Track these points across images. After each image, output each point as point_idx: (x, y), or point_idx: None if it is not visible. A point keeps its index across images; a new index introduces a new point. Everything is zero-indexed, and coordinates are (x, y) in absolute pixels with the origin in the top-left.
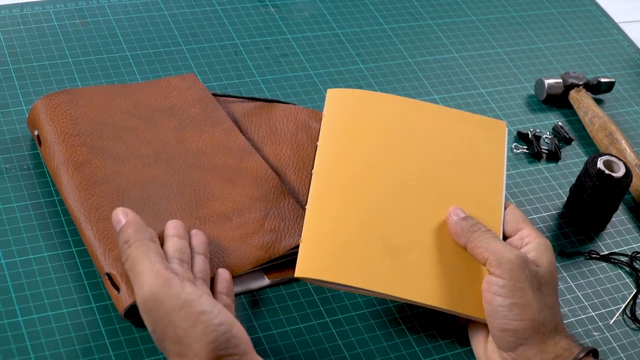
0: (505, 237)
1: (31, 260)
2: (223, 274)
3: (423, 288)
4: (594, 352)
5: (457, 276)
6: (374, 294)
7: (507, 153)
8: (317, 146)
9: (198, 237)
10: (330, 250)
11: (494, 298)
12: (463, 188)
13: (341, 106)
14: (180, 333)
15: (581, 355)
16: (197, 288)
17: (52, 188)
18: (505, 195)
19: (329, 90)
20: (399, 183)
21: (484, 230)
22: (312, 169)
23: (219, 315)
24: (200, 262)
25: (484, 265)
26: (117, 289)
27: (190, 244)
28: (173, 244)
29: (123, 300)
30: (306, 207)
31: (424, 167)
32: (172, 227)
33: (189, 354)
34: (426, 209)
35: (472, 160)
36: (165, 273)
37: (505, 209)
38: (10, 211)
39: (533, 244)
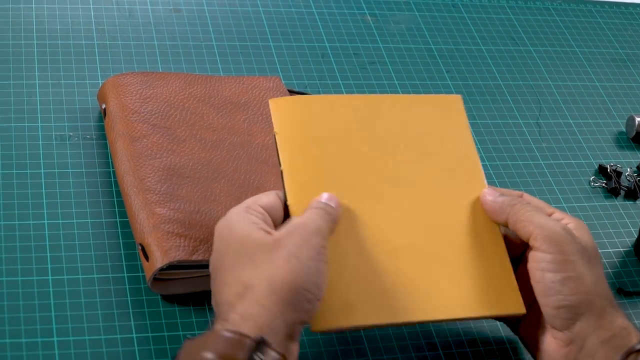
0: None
1: (74, 224)
2: None
3: (451, 300)
4: None
5: (480, 274)
6: (400, 324)
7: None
8: (280, 171)
9: None
10: (341, 293)
11: (544, 275)
12: (441, 172)
13: (291, 117)
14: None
15: None
16: None
17: (109, 160)
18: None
19: (270, 101)
20: (380, 190)
21: (524, 202)
22: (285, 199)
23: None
24: None
25: (527, 240)
26: (148, 258)
27: None
28: None
29: (151, 267)
30: None
31: (397, 164)
32: None
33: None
34: (418, 210)
35: (439, 141)
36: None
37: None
38: (64, 176)
39: (572, 224)
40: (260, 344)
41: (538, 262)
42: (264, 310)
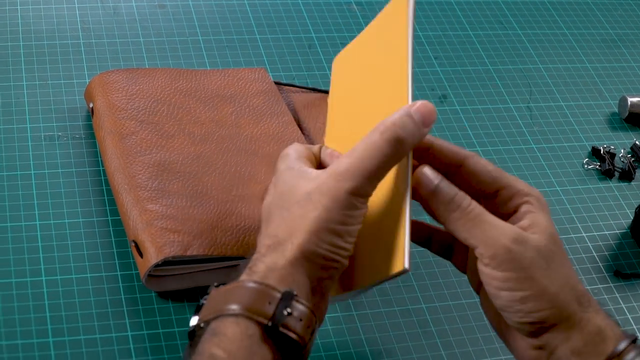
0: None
1: (65, 224)
2: None
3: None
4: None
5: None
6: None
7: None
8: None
9: None
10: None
11: (499, 293)
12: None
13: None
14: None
15: (621, 347)
16: None
17: (98, 159)
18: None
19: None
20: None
21: (465, 205)
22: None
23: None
24: None
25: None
26: (142, 255)
27: None
28: None
29: (146, 264)
30: None
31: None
32: None
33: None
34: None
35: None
36: None
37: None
38: (55, 176)
39: (525, 206)
40: (286, 296)
41: (490, 279)
42: (288, 263)
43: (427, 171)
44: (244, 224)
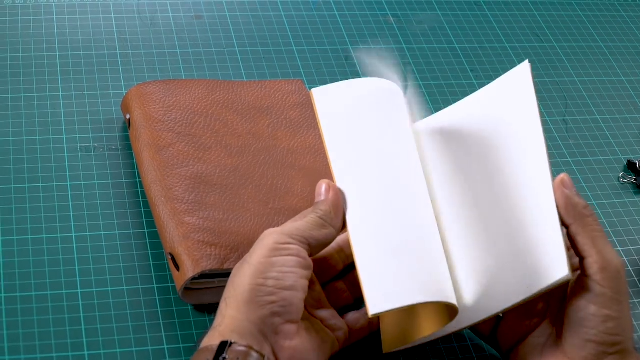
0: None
1: (101, 236)
2: None
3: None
4: None
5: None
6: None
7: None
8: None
9: None
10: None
11: (589, 306)
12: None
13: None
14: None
15: None
16: None
17: (135, 170)
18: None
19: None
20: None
21: (595, 218)
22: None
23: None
24: None
25: (582, 258)
26: (178, 268)
27: None
28: None
29: (182, 277)
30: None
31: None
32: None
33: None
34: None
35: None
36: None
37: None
38: (91, 187)
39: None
40: (222, 345)
41: (585, 291)
42: (230, 318)
43: (566, 180)
44: None
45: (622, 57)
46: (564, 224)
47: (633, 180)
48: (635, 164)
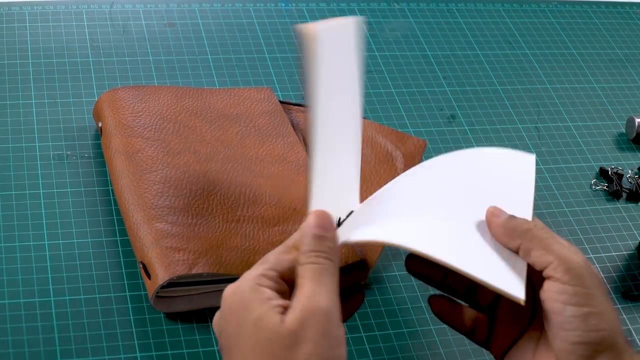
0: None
1: (74, 244)
2: None
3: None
4: None
5: None
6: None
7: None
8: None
9: None
10: None
11: (565, 308)
12: None
13: None
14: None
15: None
16: None
17: (107, 178)
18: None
19: None
20: None
21: (540, 227)
22: None
23: None
24: None
25: (543, 270)
26: (150, 276)
27: None
28: None
29: (153, 285)
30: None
31: None
32: None
33: None
34: None
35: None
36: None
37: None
38: (63, 195)
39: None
40: None
41: (558, 294)
42: None
43: (495, 210)
44: (248, 245)
45: (595, 64)
46: (515, 251)
47: (605, 187)
48: (608, 171)
